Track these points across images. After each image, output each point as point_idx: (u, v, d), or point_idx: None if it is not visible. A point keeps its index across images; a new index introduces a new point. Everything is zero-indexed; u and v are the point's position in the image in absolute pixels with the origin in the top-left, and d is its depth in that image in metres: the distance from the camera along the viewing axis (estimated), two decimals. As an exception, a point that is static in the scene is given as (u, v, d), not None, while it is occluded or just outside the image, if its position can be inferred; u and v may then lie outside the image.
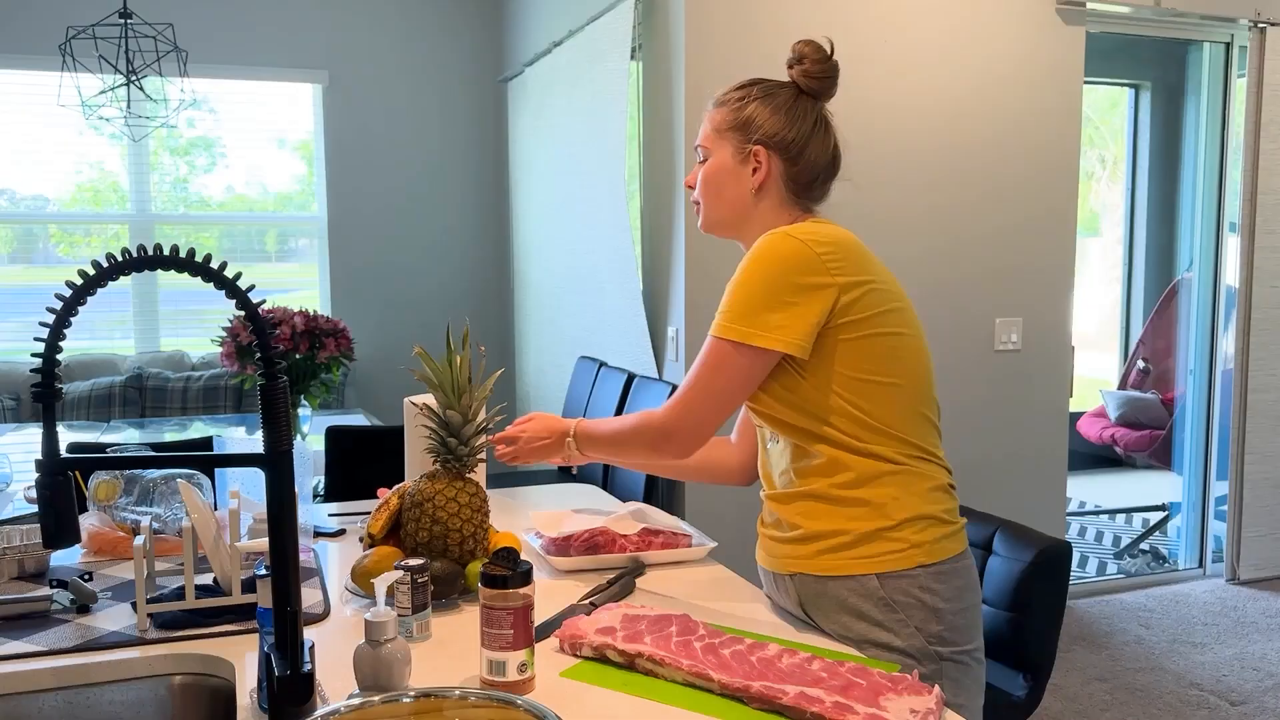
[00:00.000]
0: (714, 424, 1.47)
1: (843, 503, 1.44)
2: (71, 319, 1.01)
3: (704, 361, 1.45)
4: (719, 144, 1.55)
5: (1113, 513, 5.58)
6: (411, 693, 1.01)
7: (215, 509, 1.94)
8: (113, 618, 1.51)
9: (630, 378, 3.76)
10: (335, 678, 1.29)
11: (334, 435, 2.98)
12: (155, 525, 1.87)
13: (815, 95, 1.55)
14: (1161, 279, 6.09)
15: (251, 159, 5.31)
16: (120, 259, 1.01)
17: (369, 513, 2.16)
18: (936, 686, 1.21)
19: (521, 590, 1.23)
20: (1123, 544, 4.94)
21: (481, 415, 1.67)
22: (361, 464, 3.01)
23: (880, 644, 1.42)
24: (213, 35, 5.09)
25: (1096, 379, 6.27)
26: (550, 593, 1.63)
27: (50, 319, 1.01)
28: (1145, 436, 4.84)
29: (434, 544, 1.55)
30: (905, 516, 1.43)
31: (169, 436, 3.89)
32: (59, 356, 1.02)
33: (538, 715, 0.95)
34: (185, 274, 1.04)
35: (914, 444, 1.47)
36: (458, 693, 1.00)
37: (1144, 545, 4.84)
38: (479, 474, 1.92)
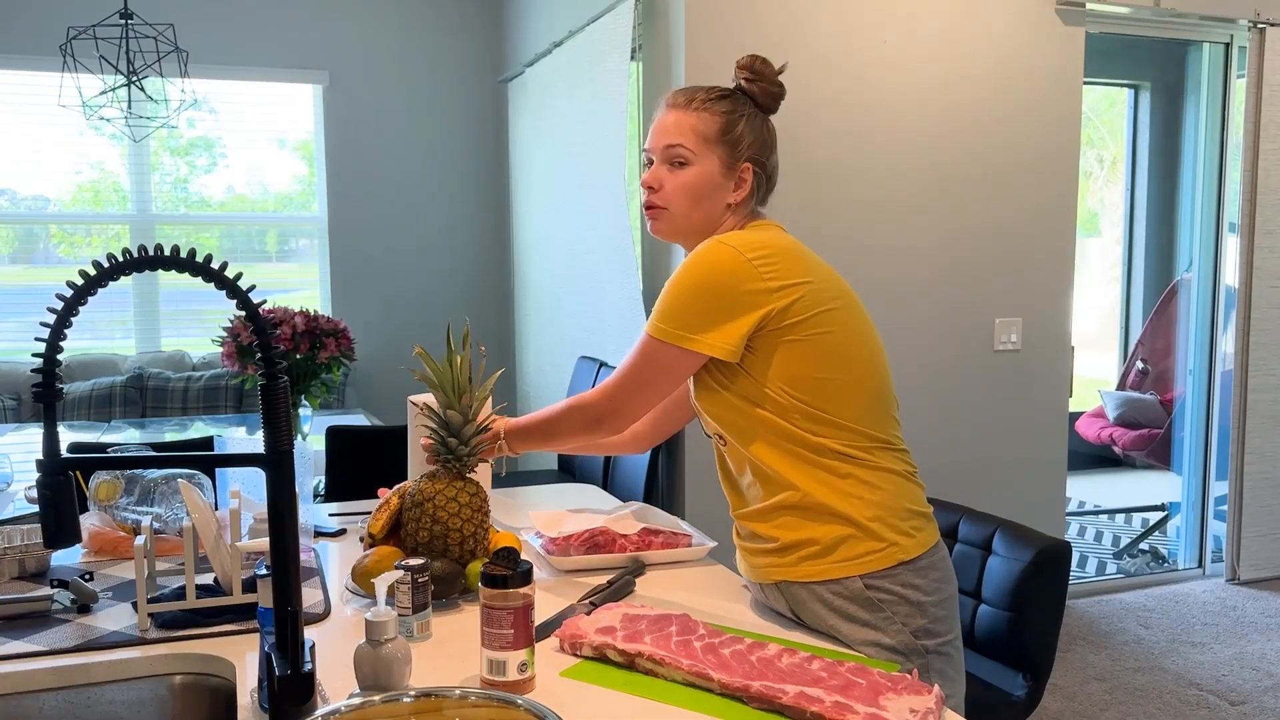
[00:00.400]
0: (642, 410, 1.53)
1: (815, 510, 1.45)
2: (72, 319, 1.01)
3: (636, 354, 1.50)
4: (705, 153, 1.54)
5: (1112, 513, 5.58)
6: (412, 692, 1.01)
7: (216, 509, 1.94)
8: (113, 617, 1.51)
9: (630, 378, 3.75)
10: (336, 677, 1.29)
11: (334, 435, 2.98)
12: (156, 525, 1.87)
13: (768, 111, 1.59)
14: (1161, 279, 6.09)
15: (252, 159, 5.31)
16: (121, 259, 1.01)
17: (369, 513, 2.16)
18: (936, 686, 1.22)
19: (521, 590, 1.23)
20: (1122, 544, 4.94)
21: (486, 411, 1.68)
22: (362, 464, 3.01)
23: (870, 643, 1.44)
24: (213, 35, 5.09)
25: (1096, 379, 6.27)
26: (550, 593, 1.63)
27: (51, 319, 1.01)
28: (1143, 435, 4.84)
29: (434, 544, 1.55)
30: (877, 513, 1.45)
31: (169, 436, 3.90)
32: (60, 356, 1.02)
33: (538, 715, 0.95)
34: (186, 274, 1.04)
35: (875, 435, 1.48)
36: (458, 692, 1.01)
37: (1144, 545, 4.84)
38: (484, 474, 1.92)
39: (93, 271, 1.01)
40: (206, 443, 3.02)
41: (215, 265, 1.04)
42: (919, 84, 3.61)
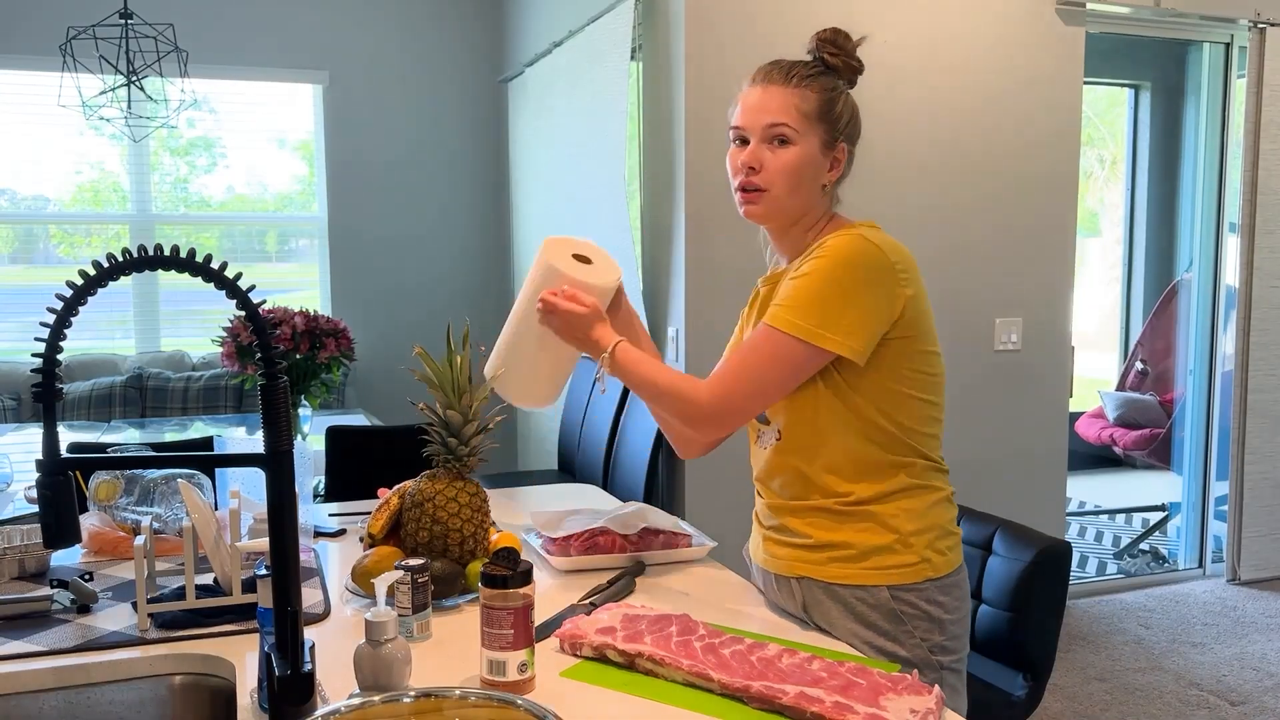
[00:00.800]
0: (753, 413, 1.44)
1: (858, 516, 1.44)
2: (72, 319, 1.01)
3: (760, 351, 1.40)
4: (807, 131, 1.46)
5: (1113, 513, 5.57)
6: (411, 692, 1.01)
7: (216, 509, 1.94)
8: (113, 617, 1.51)
9: (630, 378, 3.75)
10: (335, 677, 1.29)
11: (334, 435, 2.98)
12: (156, 525, 1.87)
13: (851, 87, 1.53)
14: (1161, 279, 6.09)
15: (251, 159, 5.31)
16: (120, 259, 1.01)
17: (369, 513, 2.16)
18: (936, 686, 1.22)
19: (521, 590, 1.23)
20: (1123, 544, 4.94)
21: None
22: (362, 464, 3.01)
23: (885, 653, 1.43)
24: (213, 35, 5.09)
25: (1096, 379, 6.27)
26: (550, 593, 1.63)
27: (51, 319, 1.01)
28: (1144, 435, 4.84)
29: (434, 544, 1.55)
30: (916, 528, 1.44)
31: (169, 436, 3.90)
32: (59, 356, 1.02)
33: (538, 715, 0.95)
34: (186, 274, 1.04)
35: (930, 457, 1.49)
36: (458, 692, 1.00)
37: (1144, 545, 4.84)
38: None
39: (93, 271, 1.01)
40: (206, 443, 3.02)
41: (215, 265, 1.04)
42: (919, 84, 3.61)
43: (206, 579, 1.66)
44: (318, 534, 1.97)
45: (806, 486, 1.47)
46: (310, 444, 3.48)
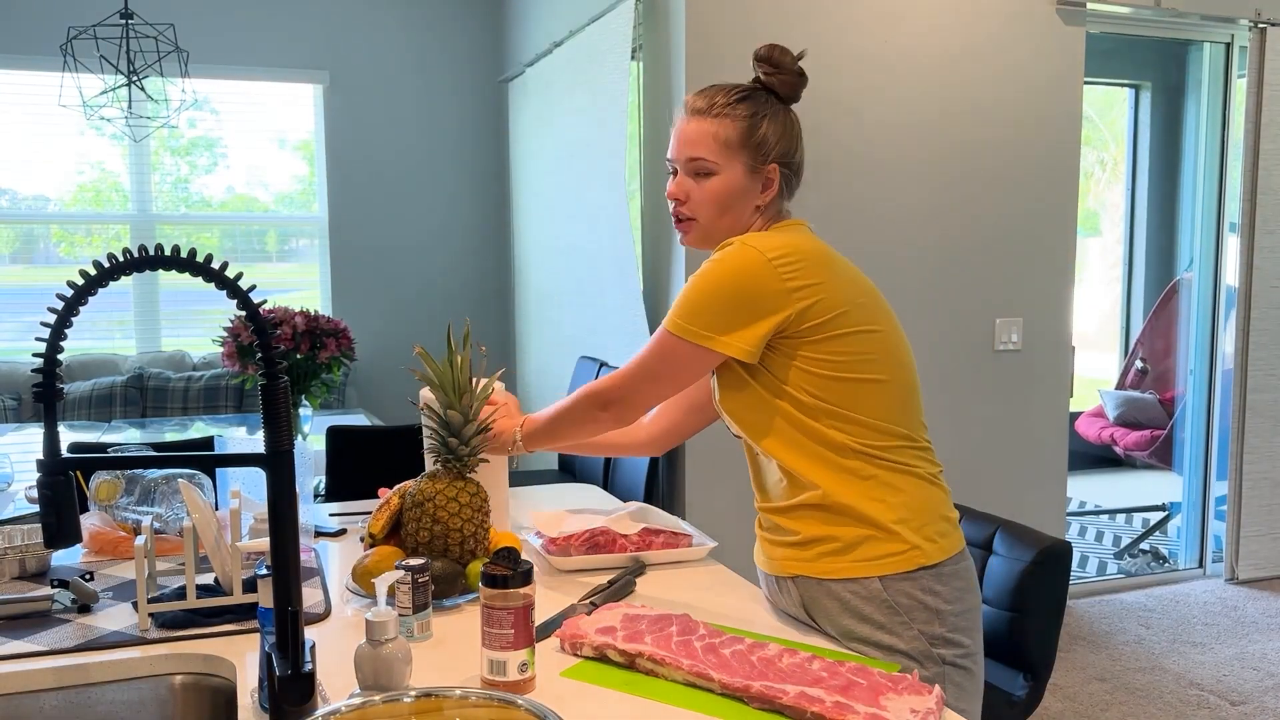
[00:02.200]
0: (650, 403, 1.53)
1: (837, 510, 1.44)
2: (72, 319, 1.01)
3: (652, 348, 1.49)
4: (729, 160, 1.50)
5: (1113, 513, 5.58)
6: (412, 692, 1.01)
7: (216, 509, 1.94)
8: (113, 617, 1.51)
9: (630, 378, 3.75)
10: (336, 677, 1.29)
11: (335, 435, 2.98)
12: (156, 525, 1.87)
13: (791, 102, 1.55)
14: (1161, 279, 6.09)
15: (252, 159, 5.31)
16: (121, 259, 1.01)
17: (370, 513, 2.16)
18: (937, 686, 1.21)
19: (522, 590, 1.23)
20: (1123, 544, 4.94)
21: (496, 397, 1.69)
22: (362, 464, 3.01)
23: (884, 646, 1.42)
24: (213, 35, 5.09)
25: (1096, 379, 6.27)
26: (550, 593, 1.63)
27: (51, 319, 1.01)
28: (1144, 436, 4.84)
29: (434, 544, 1.55)
30: (898, 516, 1.43)
31: (170, 436, 3.90)
32: (60, 356, 1.02)
33: (538, 715, 0.95)
34: (186, 274, 1.04)
35: (899, 433, 1.47)
36: (458, 692, 1.01)
37: (1144, 545, 4.84)
38: (499, 469, 1.89)
39: (93, 271, 1.01)
40: (206, 443, 3.02)
41: (215, 265, 1.04)
42: (918, 84, 3.61)
43: (207, 579, 1.66)
44: (318, 534, 1.98)
45: (788, 485, 1.49)
46: (310, 444, 3.48)
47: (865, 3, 3.52)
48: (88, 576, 1.70)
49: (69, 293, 1.01)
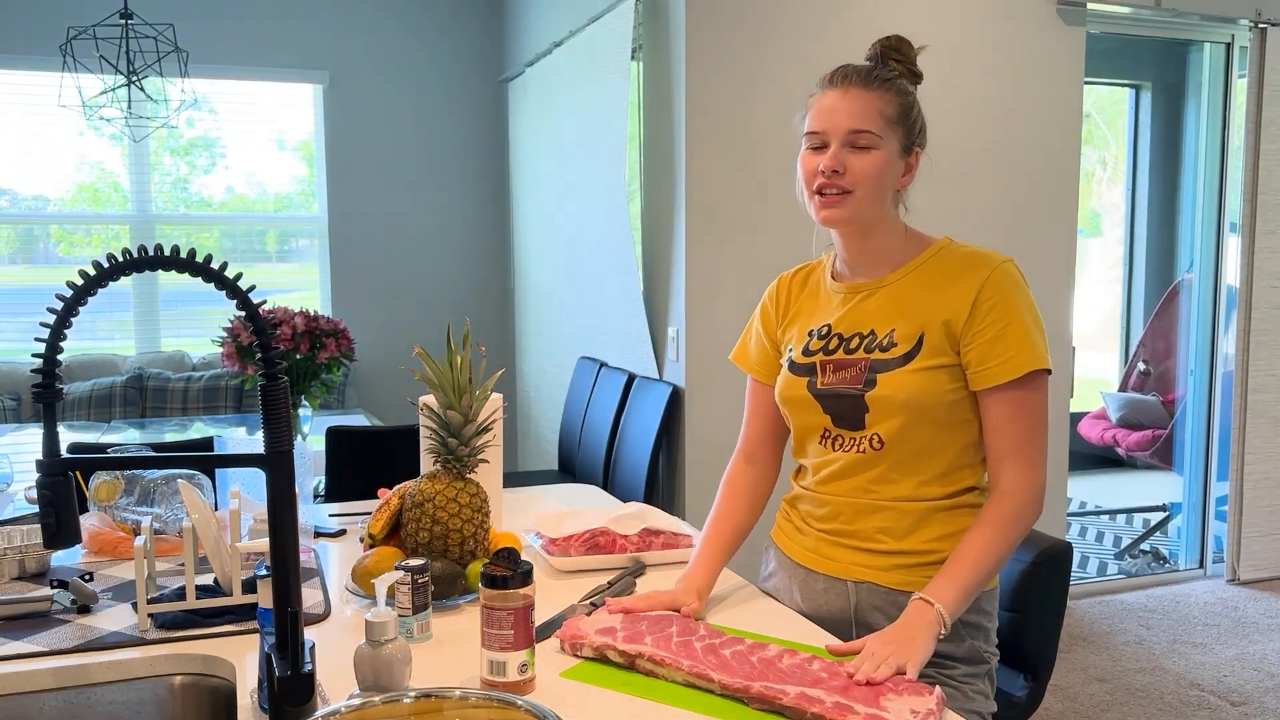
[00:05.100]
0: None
1: (929, 524, 1.46)
2: (72, 319, 1.01)
3: (1036, 398, 1.40)
4: (889, 135, 1.43)
5: (1113, 513, 5.57)
6: (412, 693, 1.01)
7: (216, 509, 1.94)
8: (113, 618, 1.51)
9: (631, 378, 3.76)
10: (336, 678, 1.29)
11: (334, 435, 2.98)
12: (156, 525, 1.87)
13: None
14: (1162, 279, 6.08)
15: (252, 159, 5.31)
16: (121, 259, 1.01)
17: (369, 513, 2.16)
18: (937, 687, 1.21)
19: (522, 590, 1.23)
20: (1123, 544, 4.93)
21: (483, 414, 1.67)
22: (362, 464, 3.01)
23: (941, 654, 1.45)
24: (213, 35, 5.09)
25: (1097, 379, 6.27)
26: (550, 593, 1.63)
27: (51, 319, 1.01)
28: (1146, 436, 4.84)
29: (434, 544, 1.55)
30: None
31: (169, 437, 3.90)
32: (60, 357, 1.02)
33: (538, 715, 0.95)
34: (186, 274, 1.04)
35: (980, 465, 1.51)
36: (458, 693, 1.00)
37: (1144, 546, 4.84)
38: (491, 471, 1.89)
39: (93, 271, 1.01)
40: (206, 443, 3.02)
41: (215, 265, 1.04)
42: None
43: (207, 579, 1.66)
44: (318, 534, 1.97)
45: (888, 489, 1.46)
46: (310, 444, 3.48)
47: (864, 4, 3.52)
48: (87, 577, 1.70)
49: (68, 293, 1.01)
